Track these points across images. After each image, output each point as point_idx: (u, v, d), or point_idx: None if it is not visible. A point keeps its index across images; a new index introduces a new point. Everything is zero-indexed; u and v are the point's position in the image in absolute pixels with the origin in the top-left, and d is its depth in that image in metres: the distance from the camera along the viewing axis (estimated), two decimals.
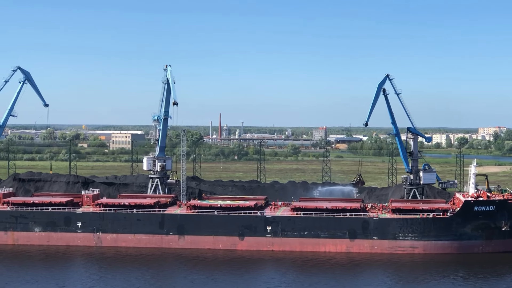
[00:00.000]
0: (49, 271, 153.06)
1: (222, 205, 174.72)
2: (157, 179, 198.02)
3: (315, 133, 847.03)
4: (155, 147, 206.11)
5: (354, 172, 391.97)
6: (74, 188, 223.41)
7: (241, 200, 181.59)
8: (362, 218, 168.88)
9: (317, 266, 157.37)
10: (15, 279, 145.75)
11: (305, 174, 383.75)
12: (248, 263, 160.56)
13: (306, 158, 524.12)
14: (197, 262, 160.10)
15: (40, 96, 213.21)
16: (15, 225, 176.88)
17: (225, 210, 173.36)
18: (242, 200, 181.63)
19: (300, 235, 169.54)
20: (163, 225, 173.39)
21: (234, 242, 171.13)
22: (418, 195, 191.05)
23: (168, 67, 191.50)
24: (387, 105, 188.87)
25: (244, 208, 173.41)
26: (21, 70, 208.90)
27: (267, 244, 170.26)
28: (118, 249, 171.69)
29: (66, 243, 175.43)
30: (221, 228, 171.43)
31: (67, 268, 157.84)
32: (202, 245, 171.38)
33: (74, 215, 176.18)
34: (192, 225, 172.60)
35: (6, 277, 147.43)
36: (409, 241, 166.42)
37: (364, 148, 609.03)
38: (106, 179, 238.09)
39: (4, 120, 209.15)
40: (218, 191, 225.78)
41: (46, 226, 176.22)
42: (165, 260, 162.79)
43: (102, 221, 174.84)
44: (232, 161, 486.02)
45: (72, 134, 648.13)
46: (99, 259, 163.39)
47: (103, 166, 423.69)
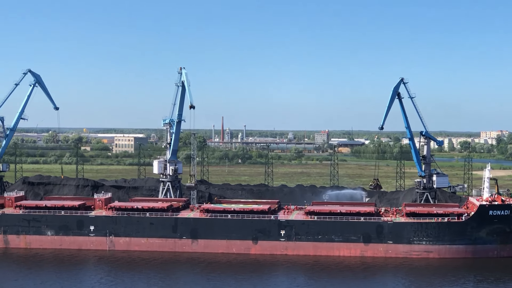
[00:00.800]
0: (62, 275, 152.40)
1: (236, 209, 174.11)
2: (168, 182, 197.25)
3: (317, 136, 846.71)
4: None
5: (359, 176, 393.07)
6: (84, 191, 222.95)
7: (255, 204, 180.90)
8: (377, 222, 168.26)
9: (331, 270, 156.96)
10: (28, 282, 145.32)
11: (311, 177, 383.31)
12: (262, 267, 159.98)
13: (310, 162, 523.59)
14: (210, 266, 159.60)
15: (50, 99, 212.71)
16: (27, 228, 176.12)
17: (238, 214, 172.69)
18: (255, 204, 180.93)
19: (314, 239, 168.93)
20: (176, 229, 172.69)
21: (248, 246, 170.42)
22: (431, 199, 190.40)
23: (183, 70, 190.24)
24: (401, 109, 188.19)
25: (257, 212, 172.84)
26: (31, 73, 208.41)
27: (281, 248, 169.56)
28: (131, 253, 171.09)
29: (79, 246, 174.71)
30: (234, 232, 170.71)
31: (79, 272, 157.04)
32: (216, 249, 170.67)
33: (87, 218, 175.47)
34: (206, 229, 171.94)
35: (19, 281, 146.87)
36: (424, 245, 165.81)
37: (367, 151, 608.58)
38: (116, 182, 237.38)
39: (14, 123, 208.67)
40: (228, 194, 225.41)
41: (59, 230, 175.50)
42: (178, 264, 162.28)
43: (115, 225, 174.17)
44: (236, 164, 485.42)
45: (75, 138, 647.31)
46: (112, 263, 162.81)
47: (107, 170, 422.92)
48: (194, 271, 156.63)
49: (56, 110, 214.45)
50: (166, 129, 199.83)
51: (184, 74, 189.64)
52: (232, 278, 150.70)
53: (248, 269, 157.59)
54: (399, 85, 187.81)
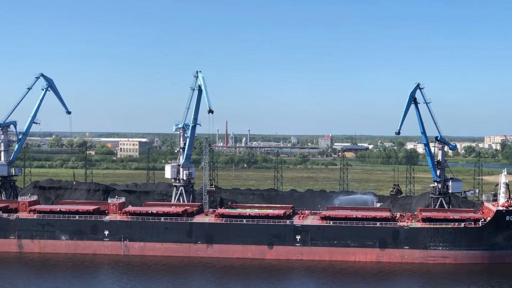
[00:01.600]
0: (76, 279, 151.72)
1: (251, 213, 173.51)
2: (181, 187, 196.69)
3: (321, 141, 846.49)
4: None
5: (367, 181, 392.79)
6: (95, 196, 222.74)
7: (270, 209, 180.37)
8: (393, 227, 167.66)
9: (347, 275, 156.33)
10: (42, 287, 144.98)
11: (318, 182, 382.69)
12: (277, 272, 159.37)
13: (315, 167, 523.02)
14: (225, 271, 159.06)
15: (62, 103, 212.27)
16: (41, 233, 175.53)
17: (254, 219, 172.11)
18: (270, 209, 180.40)
19: (330, 244, 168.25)
20: (191, 233, 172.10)
21: (263, 251, 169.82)
22: (445, 204, 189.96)
23: (199, 73, 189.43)
24: (417, 115, 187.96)
25: (273, 217, 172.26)
26: (44, 77, 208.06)
27: (296, 253, 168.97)
28: (146, 257, 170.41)
29: (93, 251, 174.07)
30: (250, 237, 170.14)
31: (94, 276, 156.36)
32: (231, 254, 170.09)
33: (101, 223, 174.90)
34: (221, 233, 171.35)
35: (33, 285, 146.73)
36: (440, 250, 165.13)
37: (372, 156, 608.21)
38: (127, 187, 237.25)
39: (27, 127, 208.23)
40: (239, 199, 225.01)
41: (73, 234, 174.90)
42: (193, 269, 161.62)
43: (129, 230, 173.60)
44: (242, 169, 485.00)
45: (79, 142, 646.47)
46: (126, 268, 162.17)
47: (114, 174, 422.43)
48: (209, 276, 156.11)
49: (68, 114, 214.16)
50: (179, 134, 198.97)
51: (201, 77, 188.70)
52: (247, 283, 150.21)
53: (263, 274, 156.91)
54: (416, 90, 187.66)
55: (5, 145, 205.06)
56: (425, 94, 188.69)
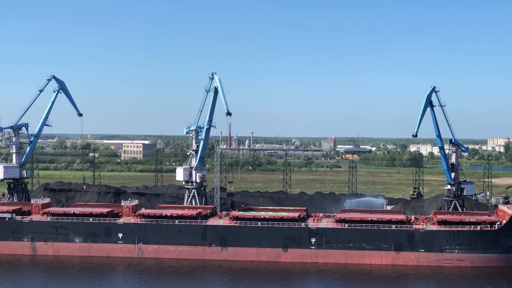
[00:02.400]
0: (90, 282, 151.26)
1: (266, 216, 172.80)
2: (194, 189, 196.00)
3: (324, 143, 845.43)
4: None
5: (373, 183, 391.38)
6: (106, 198, 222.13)
7: (283, 212, 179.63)
8: (408, 230, 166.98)
9: (362, 278, 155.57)
10: None
11: (325, 184, 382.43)
12: (292, 275, 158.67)
13: (320, 169, 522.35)
14: (240, 274, 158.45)
15: (74, 106, 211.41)
16: (55, 235, 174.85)
17: (268, 221, 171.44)
18: (284, 212, 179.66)
19: (345, 247, 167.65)
20: (205, 236, 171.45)
21: (278, 254, 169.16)
22: (459, 207, 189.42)
23: (215, 75, 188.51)
24: (433, 118, 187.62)
25: (287, 220, 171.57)
26: (55, 80, 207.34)
27: (311, 256, 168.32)
28: (160, 260, 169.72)
29: (107, 254, 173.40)
30: (264, 239, 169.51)
31: (108, 279, 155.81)
32: (245, 256, 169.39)
33: (115, 225, 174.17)
34: (235, 236, 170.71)
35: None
36: (456, 253, 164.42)
37: (376, 159, 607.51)
38: (137, 189, 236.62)
39: (38, 129, 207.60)
40: (250, 201, 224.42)
41: (87, 237, 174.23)
42: (207, 272, 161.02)
43: (143, 232, 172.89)
44: (247, 171, 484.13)
45: (82, 144, 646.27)
46: (141, 270, 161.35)
47: (119, 176, 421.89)
48: (223, 279, 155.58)
49: (80, 116, 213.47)
50: (192, 136, 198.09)
51: (217, 79, 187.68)
52: (262, 286, 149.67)
53: (278, 278, 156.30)
54: (432, 93, 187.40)
55: (17, 147, 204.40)
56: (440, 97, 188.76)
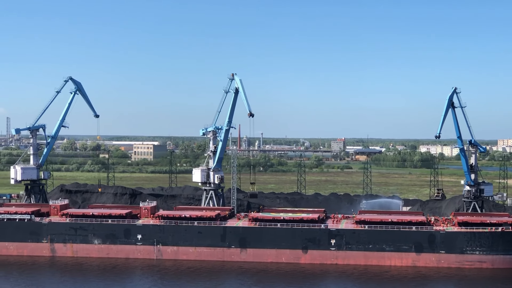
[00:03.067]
0: (109, 284, 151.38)
1: (285, 217, 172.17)
2: (211, 191, 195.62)
3: (334, 144, 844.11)
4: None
5: (386, 184, 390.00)
6: (122, 199, 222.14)
7: (303, 213, 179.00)
8: (429, 232, 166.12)
9: (383, 280, 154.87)
10: None
11: (337, 185, 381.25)
12: (312, 277, 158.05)
13: (331, 170, 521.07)
14: (260, 275, 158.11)
15: (91, 107, 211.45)
16: (74, 237, 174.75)
17: (288, 223, 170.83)
18: (303, 213, 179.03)
19: (365, 248, 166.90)
20: (224, 237, 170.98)
21: (298, 255, 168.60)
22: (478, 208, 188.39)
23: (236, 76, 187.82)
24: (454, 119, 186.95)
25: (307, 221, 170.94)
26: (72, 81, 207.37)
27: (331, 258, 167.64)
28: (179, 262, 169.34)
29: (126, 255, 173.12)
30: (284, 241, 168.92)
31: (127, 281, 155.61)
32: (265, 258, 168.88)
33: (134, 227, 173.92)
34: (255, 238, 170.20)
35: None
36: (477, 255, 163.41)
37: (387, 159, 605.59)
38: (153, 190, 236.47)
39: (56, 131, 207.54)
40: (266, 203, 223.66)
41: (106, 238, 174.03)
42: (227, 273, 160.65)
43: (162, 234, 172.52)
44: (258, 172, 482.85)
45: (93, 145, 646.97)
46: (160, 272, 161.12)
47: (131, 177, 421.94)
48: (243, 281, 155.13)
49: (97, 117, 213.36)
50: (209, 137, 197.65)
51: (238, 80, 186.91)
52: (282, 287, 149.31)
53: (298, 279, 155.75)
54: (453, 94, 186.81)
55: (34, 148, 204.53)
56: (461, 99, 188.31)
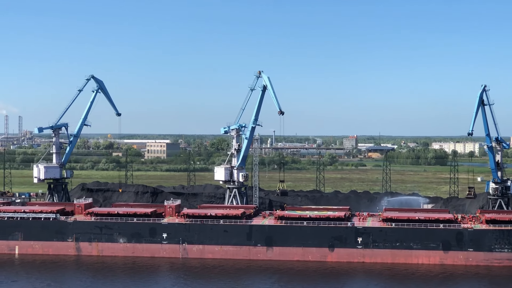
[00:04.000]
0: (135, 283, 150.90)
1: (312, 216, 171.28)
2: (235, 189, 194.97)
3: (346, 142, 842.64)
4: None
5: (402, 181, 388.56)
6: (143, 198, 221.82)
7: (328, 211, 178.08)
8: (456, 229, 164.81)
9: (411, 278, 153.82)
10: None
11: (354, 183, 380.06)
12: (339, 275, 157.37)
13: (345, 168, 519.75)
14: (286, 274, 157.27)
15: (112, 105, 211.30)
16: (99, 236, 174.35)
17: (314, 221, 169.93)
18: (328, 211, 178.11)
19: (392, 246, 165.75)
20: (250, 236, 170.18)
21: (324, 254, 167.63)
22: (504, 205, 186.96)
23: (263, 74, 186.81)
24: (483, 116, 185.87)
25: (334, 219, 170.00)
26: (94, 79, 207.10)
27: (358, 256, 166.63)
28: (205, 260, 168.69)
29: (151, 254, 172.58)
30: (310, 239, 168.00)
31: (153, 280, 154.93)
32: (291, 256, 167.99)
33: (160, 226, 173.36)
34: (281, 236, 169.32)
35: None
36: (506, 253, 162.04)
37: (400, 157, 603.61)
38: (174, 189, 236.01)
39: (78, 129, 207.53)
40: (287, 201, 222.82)
41: (131, 237, 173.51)
42: (253, 272, 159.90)
43: (188, 232, 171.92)
44: (272, 170, 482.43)
45: (106, 144, 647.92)
46: (186, 271, 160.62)
47: (146, 176, 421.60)
48: (270, 280, 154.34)
49: (118, 116, 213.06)
50: (233, 136, 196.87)
51: (266, 78, 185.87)
52: (309, 286, 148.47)
53: (325, 277, 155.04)
54: (483, 92, 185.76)
55: (57, 147, 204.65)
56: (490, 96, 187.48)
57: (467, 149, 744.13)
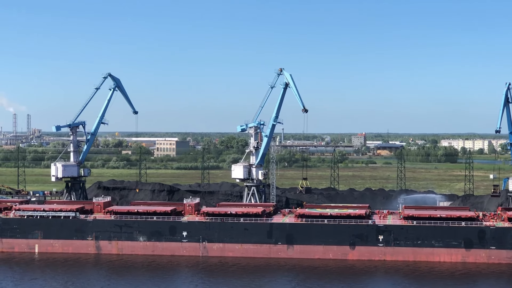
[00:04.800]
0: (156, 281, 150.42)
1: (332, 214, 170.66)
2: (253, 187, 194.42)
3: (354, 139, 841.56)
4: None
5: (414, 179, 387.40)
6: (160, 196, 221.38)
7: (348, 209, 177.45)
8: (478, 227, 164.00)
9: (432, 276, 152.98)
10: None
11: (366, 181, 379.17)
12: (360, 273, 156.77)
13: (356, 165, 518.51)
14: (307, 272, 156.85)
15: (129, 103, 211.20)
16: (119, 234, 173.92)
17: (335, 219, 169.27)
18: (348, 209, 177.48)
19: (413, 244, 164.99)
20: (271, 234, 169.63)
21: (345, 252, 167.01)
22: None
23: (284, 71, 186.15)
24: (508, 114, 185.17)
25: (355, 217, 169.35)
26: (111, 77, 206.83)
27: (379, 254, 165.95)
28: (225, 259, 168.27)
29: (171, 252, 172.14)
30: (331, 237, 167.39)
31: (173, 278, 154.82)
32: (312, 255, 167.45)
33: (180, 224, 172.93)
34: (302, 234, 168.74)
35: (114, 287, 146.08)
36: None
37: (410, 154, 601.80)
38: (190, 187, 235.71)
39: (95, 128, 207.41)
40: (303, 198, 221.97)
41: (151, 236, 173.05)
42: (274, 270, 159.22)
43: (208, 231, 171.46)
44: (283, 168, 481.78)
45: (114, 142, 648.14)
46: (206, 269, 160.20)
47: (157, 174, 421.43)
48: (291, 278, 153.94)
49: (135, 114, 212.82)
50: (251, 133, 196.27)
51: (288, 75, 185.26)
52: (331, 284, 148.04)
53: (346, 276, 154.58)
54: (508, 90, 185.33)
55: (74, 146, 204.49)
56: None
57: (476, 147, 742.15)
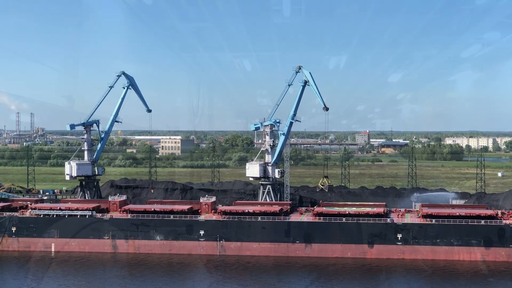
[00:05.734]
0: (173, 280, 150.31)
1: (350, 212, 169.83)
2: (269, 185, 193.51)
3: (358, 137, 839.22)
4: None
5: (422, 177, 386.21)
6: (173, 195, 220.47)
7: (366, 207, 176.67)
8: (498, 226, 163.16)
9: (452, 275, 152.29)
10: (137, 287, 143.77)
11: (374, 179, 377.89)
12: (379, 271, 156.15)
13: (362, 163, 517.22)
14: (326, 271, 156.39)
15: (143, 102, 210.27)
16: (136, 233, 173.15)
17: (353, 217, 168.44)
18: (366, 207, 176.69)
19: (432, 243, 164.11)
20: (289, 233, 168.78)
21: (364, 250, 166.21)
22: None
23: (303, 69, 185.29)
24: None
25: (373, 215, 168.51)
26: (125, 76, 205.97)
27: (398, 252, 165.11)
28: (242, 257, 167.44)
29: (188, 251, 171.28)
30: (350, 236, 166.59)
31: (190, 277, 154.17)
32: (330, 253, 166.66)
33: (197, 223, 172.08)
34: (320, 233, 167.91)
35: (130, 285, 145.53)
36: None
37: (416, 152, 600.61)
38: (203, 185, 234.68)
39: (109, 126, 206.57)
40: (317, 196, 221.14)
41: (168, 235, 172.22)
42: (292, 269, 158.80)
43: (225, 229, 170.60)
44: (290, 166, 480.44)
45: (119, 141, 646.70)
46: (224, 268, 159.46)
47: (165, 172, 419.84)
48: (309, 276, 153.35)
49: (149, 112, 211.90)
50: (266, 132, 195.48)
51: (307, 73, 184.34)
52: (349, 283, 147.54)
53: (365, 274, 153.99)
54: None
55: (89, 144, 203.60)
56: None
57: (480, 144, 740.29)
